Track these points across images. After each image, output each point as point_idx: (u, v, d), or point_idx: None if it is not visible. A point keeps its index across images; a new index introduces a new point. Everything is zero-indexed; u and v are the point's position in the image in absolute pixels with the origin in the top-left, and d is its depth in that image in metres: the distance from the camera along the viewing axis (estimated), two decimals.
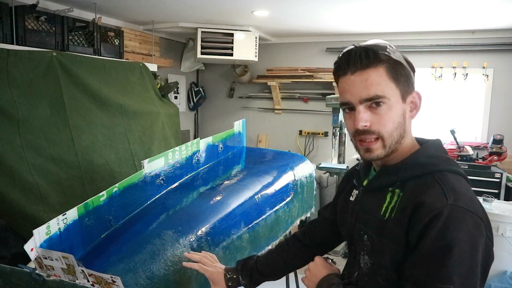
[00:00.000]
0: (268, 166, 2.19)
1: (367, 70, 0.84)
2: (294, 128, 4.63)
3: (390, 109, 0.85)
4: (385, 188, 0.89)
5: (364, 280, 0.92)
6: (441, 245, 0.74)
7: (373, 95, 0.84)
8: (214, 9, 3.17)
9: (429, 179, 0.82)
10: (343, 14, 3.17)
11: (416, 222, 0.78)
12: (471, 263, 0.75)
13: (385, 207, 0.87)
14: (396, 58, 0.86)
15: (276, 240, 2.10)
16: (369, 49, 0.85)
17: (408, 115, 0.88)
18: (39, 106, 2.38)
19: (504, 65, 3.75)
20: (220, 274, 1.20)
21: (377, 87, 0.84)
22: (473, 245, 0.75)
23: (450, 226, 0.75)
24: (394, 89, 0.85)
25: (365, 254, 0.90)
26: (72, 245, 1.30)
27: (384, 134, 0.85)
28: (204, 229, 1.55)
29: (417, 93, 0.89)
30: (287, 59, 4.55)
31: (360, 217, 0.94)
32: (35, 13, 2.52)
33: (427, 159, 0.86)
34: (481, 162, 3.50)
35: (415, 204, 0.79)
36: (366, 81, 0.84)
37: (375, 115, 0.85)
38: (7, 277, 1.08)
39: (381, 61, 0.84)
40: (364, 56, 0.84)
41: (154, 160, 1.69)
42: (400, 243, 0.81)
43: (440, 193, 0.79)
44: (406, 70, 0.87)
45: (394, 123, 0.85)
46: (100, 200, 1.42)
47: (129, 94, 3.03)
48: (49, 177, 2.33)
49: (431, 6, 2.86)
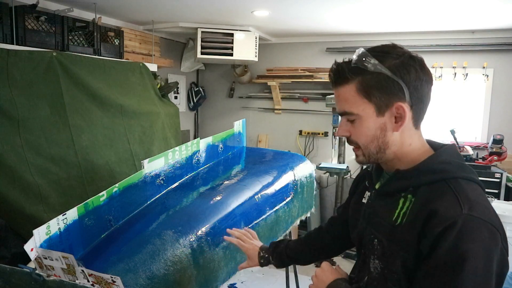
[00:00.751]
0: (268, 166, 2.19)
1: (339, 87, 0.89)
2: (294, 128, 4.63)
3: (361, 124, 0.87)
4: (397, 193, 0.87)
5: (373, 285, 0.91)
6: (455, 256, 0.72)
7: (342, 111, 0.90)
8: (214, 9, 3.17)
9: (443, 186, 0.80)
10: (343, 14, 3.17)
11: (428, 231, 0.76)
12: (485, 275, 0.73)
13: (397, 213, 0.85)
14: (375, 70, 0.83)
15: (276, 240, 2.10)
16: (342, 65, 0.87)
17: (389, 127, 0.86)
18: (39, 106, 2.38)
19: (504, 65, 3.75)
20: (255, 251, 1.32)
21: (345, 103, 0.88)
22: (488, 256, 0.73)
23: (464, 237, 0.72)
24: (366, 104, 0.85)
25: (375, 258, 0.89)
26: (72, 245, 1.30)
27: (361, 145, 0.90)
28: (204, 229, 1.55)
29: (400, 106, 0.84)
30: (287, 59, 4.55)
31: (371, 220, 0.93)
32: (35, 13, 2.52)
33: (441, 165, 0.84)
34: (481, 162, 3.50)
35: (428, 212, 0.77)
36: (338, 97, 0.90)
37: (352, 127, 0.90)
38: (7, 277, 1.08)
39: (350, 79, 0.85)
40: (334, 74, 0.89)
41: (154, 160, 1.69)
42: (410, 250, 0.80)
43: (454, 202, 0.76)
44: (384, 82, 0.83)
45: (367, 137, 0.88)
46: (100, 200, 1.42)
47: (129, 94, 3.03)
48: (49, 177, 2.33)
49: (431, 6, 2.86)
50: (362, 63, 0.84)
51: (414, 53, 0.88)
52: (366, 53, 0.84)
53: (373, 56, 0.83)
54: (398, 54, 0.85)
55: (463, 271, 0.71)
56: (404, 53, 0.86)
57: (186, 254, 1.42)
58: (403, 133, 0.88)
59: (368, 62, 0.83)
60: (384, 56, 0.84)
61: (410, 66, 0.85)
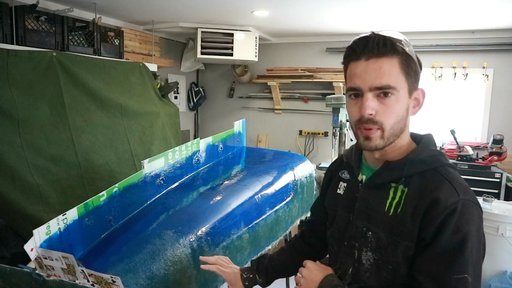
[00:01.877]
0: (268, 166, 2.19)
1: (382, 58, 0.84)
2: (294, 128, 4.63)
3: (397, 101, 0.85)
4: (387, 184, 0.89)
5: (365, 276, 0.91)
6: (457, 239, 0.78)
7: (385, 84, 0.83)
8: (214, 9, 3.17)
9: (436, 175, 0.85)
10: (343, 14, 3.17)
11: (431, 219, 0.80)
12: (479, 250, 0.81)
13: (389, 203, 0.87)
14: (409, 52, 0.86)
15: (276, 240, 2.10)
16: (387, 38, 0.84)
17: (411, 110, 0.89)
18: (39, 106, 2.38)
19: (504, 65, 3.74)
20: (236, 275, 1.21)
21: (389, 77, 0.83)
22: (480, 233, 0.82)
23: (463, 221, 0.79)
24: (404, 82, 0.85)
25: (369, 251, 0.90)
26: (72, 245, 1.30)
27: (386, 126, 0.85)
28: (204, 229, 1.55)
29: (422, 90, 0.90)
30: (287, 59, 4.55)
31: (362, 213, 0.93)
32: (35, 13, 2.52)
33: (429, 155, 0.88)
34: (481, 162, 3.49)
35: (429, 201, 0.81)
36: (380, 69, 0.83)
37: (382, 105, 0.84)
38: (7, 277, 1.08)
39: (397, 52, 0.84)
40: (382, 44, 0.84)
41: (154, 160, 1.69)
42: (412, 239, 0.82)
43: (451, 189, 0.82)
44: (416, 66, 0.87)
45: (398, 116, 0.86)
46: (100, 200, 1.42)
47: (129, 94, 3.03)
48: (49, 177, 2.33)
49: (431, 6, 2.86)
50: (401, 43, 0.85)
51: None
52: (402, 36, 0.87)
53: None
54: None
55: (465, 251, 0.78)
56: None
57: (186, 254, 1.42)
58: (409, 119, 0.90)
59: (405, 45, 0.85)
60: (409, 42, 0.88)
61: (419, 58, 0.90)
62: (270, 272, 1.21)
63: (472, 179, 3.43)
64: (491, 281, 1.69)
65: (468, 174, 3.44)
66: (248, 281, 1.20)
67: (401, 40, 0.86)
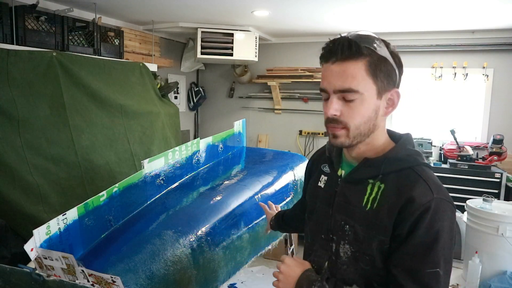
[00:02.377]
0: (268, 166, 2.19)
1: (347, 62, 0.86)
2: (294, 128, 4.63)
3: (361, 104, 0.87)
4: (365, 180, 0.92)
5: (342, 269, 0.94)
6: (430, 235, 0.83)
7: (346, 88, 0.86)
8: (214, 9, 3.17)
9: (411, 174, 0.88)
10: (343, 14, 3.17)
11: (406, 216, 0.84)
12: (450, 246, 0.86)
13: (366, 198, 0.90)
14: (381, 53, 0.87)
15: (276, 240, 2.10)
16: (353, 41, 0.86)
17: (382, 111, 0.91)
18: (39, 106, 2.38)
19: (504, 65, 3.74)
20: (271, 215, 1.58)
21: (352, 80, 0.86)
22: (452, 229, 0.86)
23: (436, 218, 0.83)
24: (370, 84, 0.87)
25: (346, 243, 0.93)
26: (72, 245, 1.30)
27: (350, 126, 0.89)
28: (204, 229, 1.55)
29: (396, 91, 0.91)
30: (287, 59, 4.55)
31: (341, 208, 0.95)
32: (35, 13, 2.52)
33: (407, 154, 0.92)
34: (481, 162, 3.49)
35: (404, 199, 0.85)
36: (344, 72, 0.86)
37: (346, 106, 0.88)
38: (7, 277, 1.08)
39: (362, 55, 0.85)
40: (347, 48, 0.86)
41: (154, 160, 1.69)
42: (387, 233, 0.86)
43: (425, 188, 0.85)
44: (389, 67, 0.88)
45: (363, 117, 0.88)
46: (100, 200, 1.42)
47: (129, 94, 3.03)
48: (49, 177, 2.33)
49: (431, 6, 2.86)
50: (372, 44, 0.86)
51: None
52: (375, 37, 0.88)
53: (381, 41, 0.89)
54: (391, 45, 0.91)
55: (437, 246, 0.83)
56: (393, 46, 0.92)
57: (186, 254, 1.42)
58: (382, 119, 0.93)
59: (378, 46, 0.87)
60: (386, 43, 0.90)
61: (400, 58, 0.92)
62: (280, 220, 1.50)
63: (472, 179, 3.43)
64: (491, 281, 1.69)
65: (468, 174, 3.44)
66: (272, 221, 1.55)
67: (372, 41, 0.87)
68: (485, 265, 1.70)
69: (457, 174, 3.48)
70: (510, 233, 1.67)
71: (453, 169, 3.51)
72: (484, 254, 1.72)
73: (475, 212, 1.78)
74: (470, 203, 1.86)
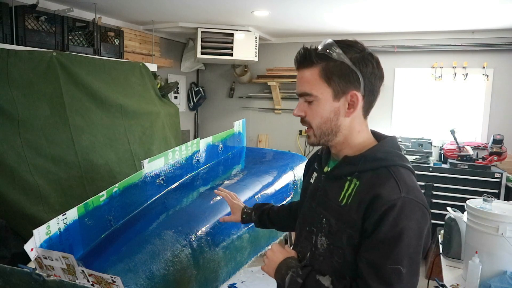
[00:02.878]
0: (268, 166, 2.19)
1: (303, 69, 0.97)
2: (294, 128, 4.63)
3: (318, 105, 0.96)
4: (344, 177, 0.98)
5: (319, 260, 0.99)
6: (394, 232, 0.86)
7: (302, 92, 0.97)
8: (214, 9, 3.17)
9: (385, 173, 0.92)
10: (343, 14, 3.17)
11: (372, 212, 0.88)
12: (417, 247, 0.88)
13: (343, 194, 0.96)
14: (338, 58, 0.93)
15: (276, 240, 2.10)
16: (309, 50, 0.96)
17: (343, 112, 0.97)
18: (39, 106, 2.38)
19: (504, 65, 3.74)
20: (240, 207, 1.43)
21: (306, 85, 0.96)
22: (420, 231, 0.88)
23: (402, 216, 0.86)
24: (325, 88, 0.95)
25: (323, 236, 0.99)
26: (72, 245, 1.30)
27: (313, 125, 0.98)
28: (204, 229, 1.55)
29: (354, 94, 0.95)
30: (287, 59, 4.55)
31: (321, 202, 1.02)
32: (35, 13, 2.52)
33: (384, 154, 0.96)
34: (481, 162, 3.49)
35: (372, 195, 0.89)
36: (301, 79, 0.97)
37: (309, 108, 0.98)
38: (7, 277, 1.08)
39: (315, 63, 0.94)
40: (302, 57, 0.96)
41: (154, 160, 1.69)
42: (356, 228, 0.91)
43: (394, 186, 0.89)
44: (346, 70, 0.93)
45: (322, 118, 0.97)
46: (100, 200, 1.42)
47: (129, 94, 3.03)
48: (49, 177, 2.33)
49: (431, 6, 2.86)
50: (327, 50, 0.94)
51: (372, 51, 0.98)
52: (332, 43, 0.95)
53: (338, 47, 0.94)
54: (360, 49, 0.95)
55: (401, 243, 0.85)
56: (365, 49, 0.96)
57: (186, 254, 1.42)
58: (353, 120, 0.98)
59: (334, 51, 0.93)
60: (348, 48, 0.95)
61: (368, 61, 0.95)
62: (264, 217, 1.39)
63: (472, 179, 3.43)
64: (491, 281, 1.69)
65: (468, 174, 3.44)
66: (245, 215, 1.41)
67: (329, 47, 0.94)
68: (485, 265, 1.70)
69: (457, 174, 3.48)
70: (510, 233, 1.67)
71: (453, 169, 3.51)
72: (484, 254, 1.72)
73: (475, 212, 1.78)
74: (470, 203, 1.86)
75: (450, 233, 2.03)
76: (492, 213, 1.72)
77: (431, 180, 3.53)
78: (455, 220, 2.03)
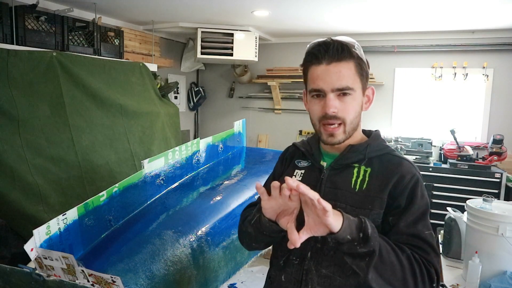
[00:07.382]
0: (268, 166, 2.18)
1: (341, 62, 0.96)
2: (294, 128, 4.63)
3: (354, 100, 0.98)
4: (351, 165, 1.02)
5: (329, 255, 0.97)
6: (424, 202, 0.96)
7: (344, 86, 0.96)
8: (214, 9, 3.17)
9: (393, 158, 1.02)
10: (343, 14, 3.17)
11: (403, 189, 0.95)
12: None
13: (354, 181, 0.99)
14: (361, 56, 0.99)
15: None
16: (345, 44, 0.97)
17: (363, 106, 1.04)
18: (39, 106, 2.37)
19: (504, 65, 3.74)
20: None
21: (348, 79, 0.96)
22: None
23: (423, 188, 0.98)
24: (358, 83, 0.99)
25: None
26: (72, 245, 1.30)
27: (347, 121, 0.99)
28: (204, 229, 1.55)
29: (372, 88, 1.06)
30: (287, 59, 4.55)
31: (330, 193, 1.00)
32: (35, 13, 2.52)
33: (383, 143, 1.06)
34: (481, 162, 3.49)
35: (397, 176, 0.97)
36: (340, 72, 0.96)
37: (342, 103, 0.98)
38: (7, 277, 1.08)
39: (352, 57, 0.97)
40: (341, 50, 0.96)
41: (154, 160, 1.69)
42: (382, 206, 0.95)
43: (410, 166, 1.00)
44: (366, 67, 1.02)
45: (355, 112, 1.00)
46: (100, 200, 1.42)
47: (129, 94, 3.03)
48: (49, 177, 2.33)
49: (431, 6, 2.86)
50: (353, 48, 0.98)
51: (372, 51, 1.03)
52: (355, 41, 1.01)
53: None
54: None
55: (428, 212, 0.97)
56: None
57: (186, 254, 1.42)
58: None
59: (358, 50, 0.99)
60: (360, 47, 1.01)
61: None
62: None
63: (472, 179, 3.42)
64: (491, 281, 1.68)
65: (468, 174, 3.44)
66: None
67: (354, 45, 0.99)
68: (485, 265, 1.70)
69: (457, 174, 3.48)
70: (510, 233, 1.66)
71: (453, 169, 3.51)
72: (484, 254, 1.72)
73: (475, 212, 1.78)
74: (470, 203, 1.86)
75: (450, 233, 2.03)
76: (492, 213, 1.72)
77: (431, 180, 3.53)
78: (455, 220, 2.02)
